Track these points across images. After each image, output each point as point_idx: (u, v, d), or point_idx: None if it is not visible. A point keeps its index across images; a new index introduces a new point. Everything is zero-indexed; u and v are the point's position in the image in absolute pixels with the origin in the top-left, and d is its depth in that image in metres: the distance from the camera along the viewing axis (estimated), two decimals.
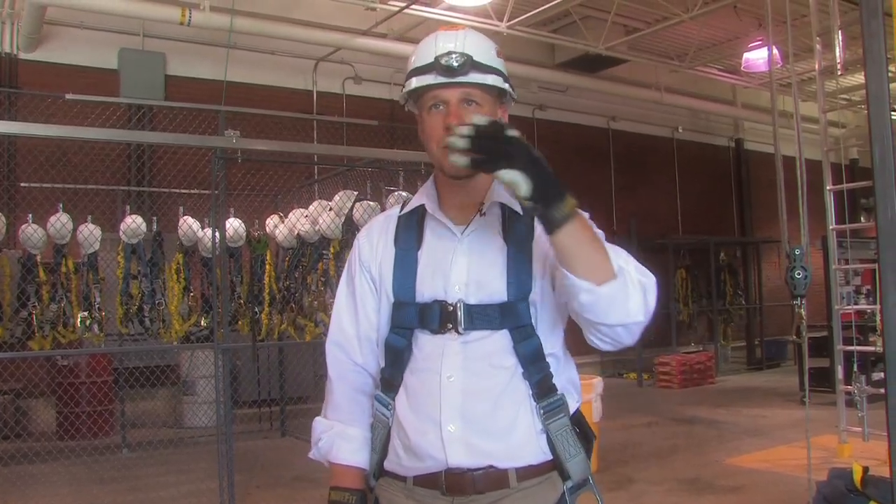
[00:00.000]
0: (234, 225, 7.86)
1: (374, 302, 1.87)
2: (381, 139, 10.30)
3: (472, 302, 1.74)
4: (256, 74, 11.00)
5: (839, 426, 7.02)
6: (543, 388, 1.75)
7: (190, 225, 7.73)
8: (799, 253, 5.25)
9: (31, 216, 7.16)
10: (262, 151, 7.48)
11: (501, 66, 1.85)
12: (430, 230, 1.85)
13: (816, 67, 7.55)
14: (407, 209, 1.91)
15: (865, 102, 2.44)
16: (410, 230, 1.87)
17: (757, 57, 13.13)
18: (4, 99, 9.27)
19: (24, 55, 9.75)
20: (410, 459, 1.77)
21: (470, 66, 1.77)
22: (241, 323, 8.11)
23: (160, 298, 7.64)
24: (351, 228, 7.18)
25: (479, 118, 1.54)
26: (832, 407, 7.29)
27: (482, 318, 1.74)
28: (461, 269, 1.77)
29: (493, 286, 1.75)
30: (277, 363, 9.54)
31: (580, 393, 1.87)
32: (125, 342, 8.04)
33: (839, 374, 7.12)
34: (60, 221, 7.08)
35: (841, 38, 7.21)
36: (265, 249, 8.15)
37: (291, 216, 7.89)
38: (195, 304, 7.88)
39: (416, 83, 1.80)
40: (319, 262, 7.57)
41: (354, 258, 1.93)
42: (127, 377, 8.20)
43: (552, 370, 1.78)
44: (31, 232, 7.06)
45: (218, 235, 6.58)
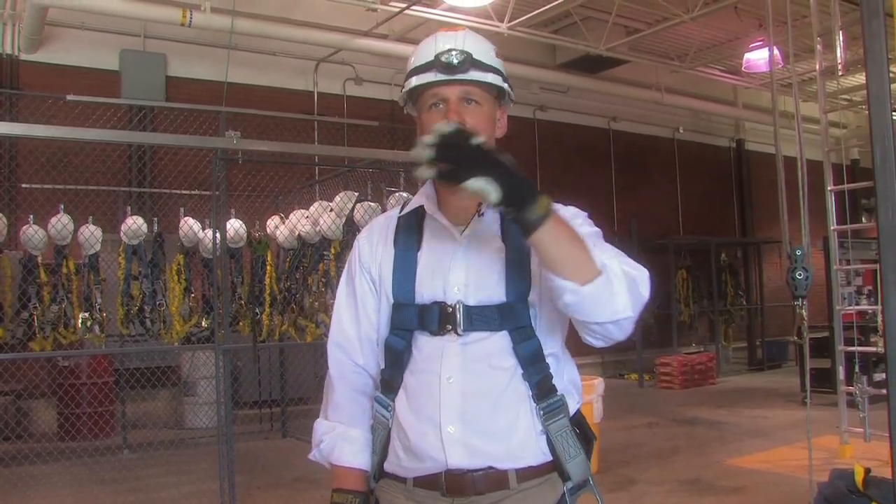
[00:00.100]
0: (234, 226, 7.86)
1: (374, 303, 1.87)
2: (381, 140, 10.30)
3: (471, 303, 1.74)
4: (257, 75, 11.01)
5: (840, 427, 7.01)
6: (543, 388, 1.75)
7: (191, 226, 7.73)
8: (800, 253, 5.24)
9: (32, 217, 7.16)
10: (262, 152, 7.49)
11: (501, 66, 1.85)
12: (429, 231, 1.85)
13: (817, 68, 7.55)
14: (406, 210, 1.91)
15: (866, 103, 2.43)
16: (410, 231, 1.86)
17: (758, 57, 13.12)
18: (6, 100, 9.27)
19: (25, 56, 9.76)
20: (410, 461, 1.77)
21: (470, 63, 1.77)
22: (241, 324, 8.11)
23: (161, 299, 7.64)
24: (352, 229, 7.18)
25: (442, 126, 1.51)
26: (833, 408, 7.29)
27: (481, 319, 1.73)
28: (460, 270, 1.77)
29: (491, 287, 1.74)
30: (278, 364, 9.54)
31: (581, 393, 1.87)
32: (126, 343, 8.03)
33: (840, 374, 7.11)
34: (61, 222, 7.08)
35: (842, 38, 7.21)
36: (266, 250, 8.15)
37: (292, 217, 7.89)
38: (196, 304, 7.88)
39: (415, 81, 1.80)
40: (320, 262, 7.57)
41: (354, 259, 1.93)
42: (128, 378, 8.20)
43: (552, 371, 1.77)
44: (32, 233, 7.06)
45: (219, 236, 6.58)
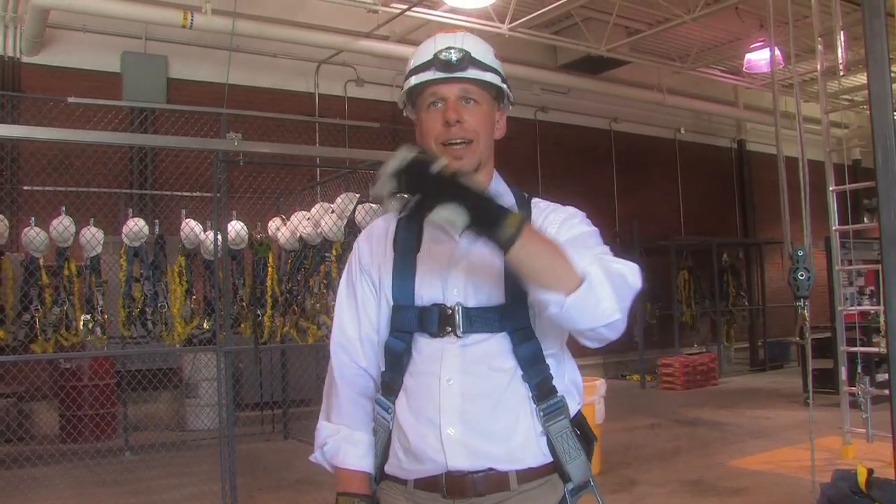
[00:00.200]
0: (236, 227, 7.86)
1: (374, 304, 1.86)
2: (383, 141, 10.29)
3: (470, 305, 1.73)
4: (258, 77, 11.01)
5: (843, 428, 7.00)
6: (543, 390, 1.75)
7: (192, 228, 7.73)
8: (802, 254, 5.24)
9: (33, 219, 7.17)
10: (264, 154, 7.49)
11: (500, 67, 1.85)
12: (428, 233, 1.84)
13: (818, 68, 7.55)
14: (406, 212, 1.91)
15: (868, 103, 2.43)
16: (409, 233, 1.86)
17: (759, 58, 13.11)
18: (7, 102, 9.28)
19: (26, 59, 9.77)
20: (411, 462, 1.77)
21: (469, 62, 1.78)
22: (243, 326, 8.11)
23: (162, 301, 7.64)
24: (353, 231, 7.17)
25: (401, 154, 1.50)
26: (836, 408, 7.28)
27: (481, 320, 1.72)
28: (459, 272, 1.76)
29: (491, 289, 1.74)
30: (280, 366, 9.53)
31: (582, 395, 1.86)
32: (128, 345, 8.03)
33: (843, 375, 7.10)
34: (63, 224, 7.08)
35: (843, 38, 7.20)
36: (267, 252, 8.15)
37: (293, 219, 7.88)
38: (197, 306, 7.88)
39: (414, 80, 1.81)
40: (322, 264, 7.57)
41: (354, 261, 1.93)
42: (129, 380, 8.19)
43: (552, 372, 1.77)
44: (33, 235, 7.07)
45: (220, 238, 6.58)
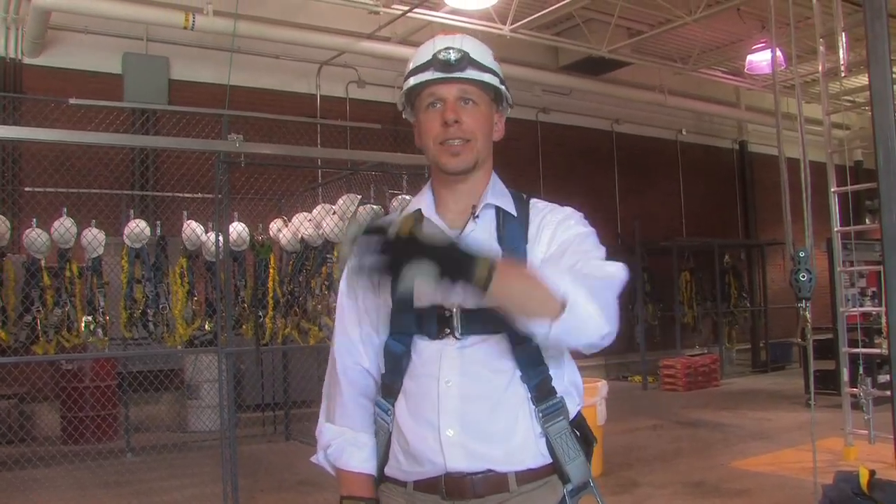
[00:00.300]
0: (237, 229, 7.87)
1: (374, 305, 1.86)
2: (384, 143, 10.30)
3: (469, 306, 1.73)
4: (260, 78, 11.01)
5: (845, 429, 6.99)
6: (542, 391, 1.75)
7: (193, 229, 7.74)
8: (803, 255, 5.24)
9: (35, 221, 7.18)
10: (265, 155, 7.49)
11: (499, 69, 1.85)
12: None
13: (820, 69, 7.54)
14: (405, 214, 1.91)
15: (869, 104, 2.43)
16: None
17: (760, 59, 13.10)
18: (9, 104, 9.29)
19: (28, 60, 9.77)
20: (410, 464, 1.77)
21: (467, 62, 1.78)
22: (244, 327, 8.11)
23: (164, 302, 7.64)
24: None
25: (354, 229, 1.48)
26: (838, 410, 7.27)
27: (480, 322, 1.72)
28: None
29: None
30: (281, 367, 9.53)
31: (582, 396, 1.86)
32: (129, 346, 8.03)
33: (845, 376, 7.09)
34: (64, 226, 7.09)
35: (844, 39, 7.20)
36: (269, 253, 8.14)
37: (295, 220, 7.89)
38: (199, 308, 7.89)
39: (413, 81, 1.81)
40: (323, 265, 7.57)
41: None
42: (131, 381, 8.20)
43: (551, 373, 1.77)
44: (35, 236, 7.07)
45: (222, 239, 6.59)
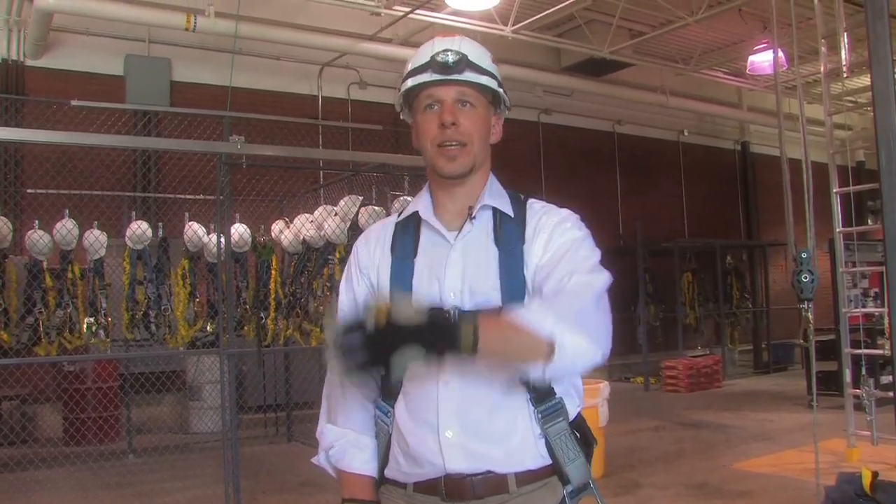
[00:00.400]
0: (239, 230, 7.87)
1: None
2: (386, 144, 10.31)
3: (467, 308, 1.74)
4: (261, 80, 11.01)
5: (848, 430, 6.98)
6: (541, 392, 1.75)
7: (195, 230, 7.73)
8: (806, 256, 5.23)
9: (37, 222, 7.18)
10: (267, 157, 7.49)
11: (496, 72, 1.85)
12: (424, 236, 1.86)
13: (822, 70, 7.52)
14: (403, 216, 1.92)
15: (871, 104, 2.43)
16: (407, 237, 1.87)
17: (762, 60, 13.10)
18: (11, 105, 9.30)
19: (30, 62, 9.79)
20: (410, 466, 1.77)
21: (465, 64, 1.78)
22: (246, 328, 8.11)
23: (166, 304, 7.64)
24: (356, 233, 7.18)
25: (331, 331, 1.48)
26: (840, 411, 7.25)
27: None
28: (455, 275, 1.77)
29: (486, 292, 1.75)
30: (283, 368, 9.53)
31: (581, 397, 1.86)
32: (131, 348, 8.03)
33: (847, 377, 7.07)
34: (66, 227, 7.09)
35: (846, 40, 7.19)
36: (271, 255, 8.14)
37: (297, 221, 7.89)
38: (201, 309, 7.88)
39: (411, 82, 1.81)
40: (325, 267, 7.58)
41: (353, 264, 1.94)
42: (133, 383, 8.21)
43: None
44: (37, 238, 7.07)
45: (223, 241, 6.59)
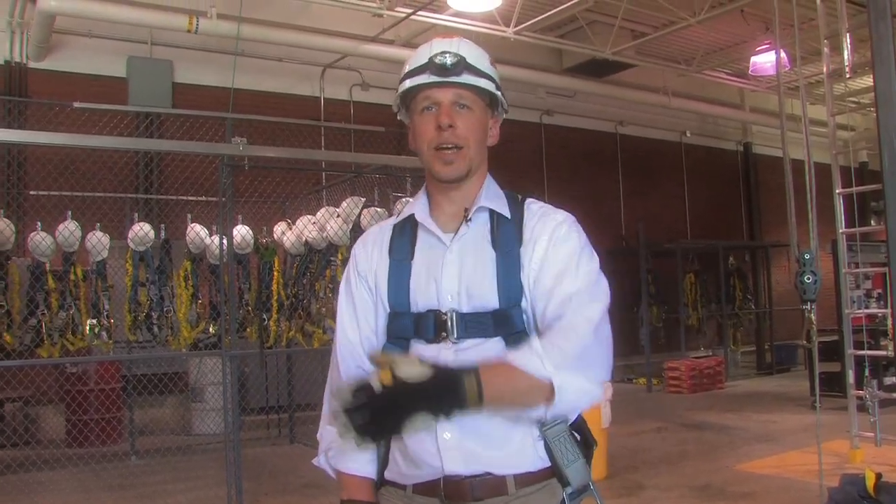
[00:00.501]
0: (241, 232, 7.86)
1: (372, 308, 1.87)
2: (388, 145, 10.30)
3: (464, 310, 1.74)
4: (263, 81, 11.02)
5: (851, 431, 6.96)
6: None
7: (198, 232, 7.73)
8: (808, 257, 5.22)
9: (39, 224, 7.18)
10: (269, 158, 7.49)
11: (495, 74, 1.85)
12: (421, 239, 1.86)
13: (824, 70, 7.52)
14: (400, 218, 1.92)
15: (874, 105, 2.42)
16: (404, 239, 1.87)
17: (765, 60, 13.08)
18: (14, 107, 9.32)
19: (33, 64, 9.81)
20: (409, 467, 1.77)
21: (463, 66, 1.77)
22: (249, 330, 8.10)
23: (168, 306, 7.64)
24: (358, 235, 7.14)
25: (340, 397, 1.47)
26: (843, 412, 7.24)
27: (476, 326, 1.73)
28: (452, 277, 1.77)
29: (483, 294, 1.75)
30: (286, 370, 9.53)
31: None
32: (134, 349, 8.04)
33: (850, 378, 7.06)
34: (69, 229, 7.09)
35: (849, 40, 7.18)
36: (273, 256, 8.14)
37: (299, 223, 7.88)
38: (203, 311, 7.87)
39: (408, 84, 1.81)
40: (327, 268, 7.57)
41: (351, 267, 1.94)
42: (135, 384, 8.21)
43: None
44: (39, 240, 7.07)
45: (226, 242, 6.59)
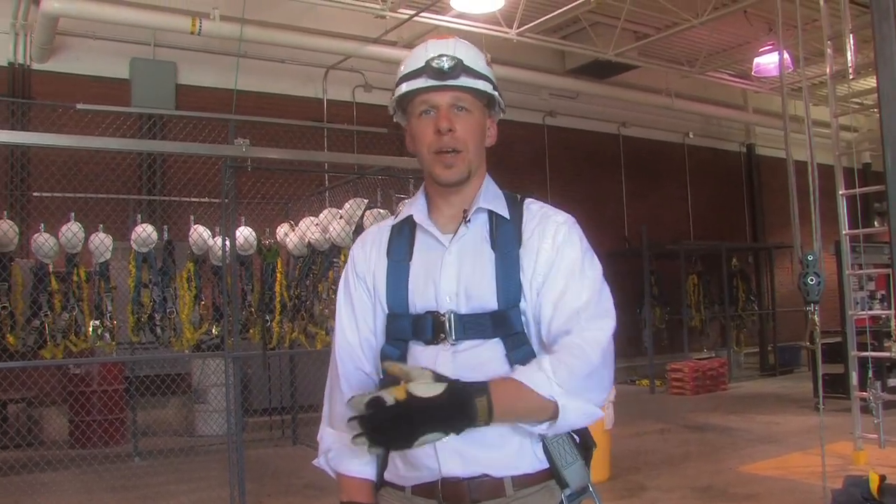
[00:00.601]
0: (244, 233, 7.87)
1: (371, 309, 1.87)
2: (391, 147, 10.30)
3: (463, 311, 1.74)
4: (266, 83, 11.03)
5: (854, 433, 6.95)
6: None
7: (201, 234, 7.74)
8: (812, 258, 5.21)
9: (43, 225, 7.20)
10: (272, 160, 7.50)
11: (491, 74, 1.85)
12: (420, 240, 1.85)
13: (828, 71, 7.51)
14: (398, 219, 1.92)
15: (877, 106, 2.41)
16: (402, 241, 1.87)
17: (768, 61, 13.08)
18: (17, 109, 9.33)
19: (36, 65, 9.84)
20: (407, 469, 1.77)
21: (461, 69, 1.77)
22: (252, 331, 8.11)
23: (171, 307, 7.65)
24: None
25: (354, 407, 1.49)
26: (847, 413, 7.23)
27: (474, 327, 1.73)
28: (450, 278, 1.77)
29: (482, 295, 1.74)
30: (288, 371, 9.55)
31: None
32: (137, 351, 8.05)
33: (854, 380, 7.05)
34: (72, 231, 7.11)
35: (852, 41, 7.17)
36: (276, 258, 8.15)
37: (302, 224, 7.89)
38: (206, 312, 7.88)
39: (406, 88, 1.80)
40: (330, 270, 7.57)
41: (350, 269, 1.93)
42: (138, 386, 8.22)
43: None
44: (43, 241, 7.09)
45: (228, 244, 6.59)
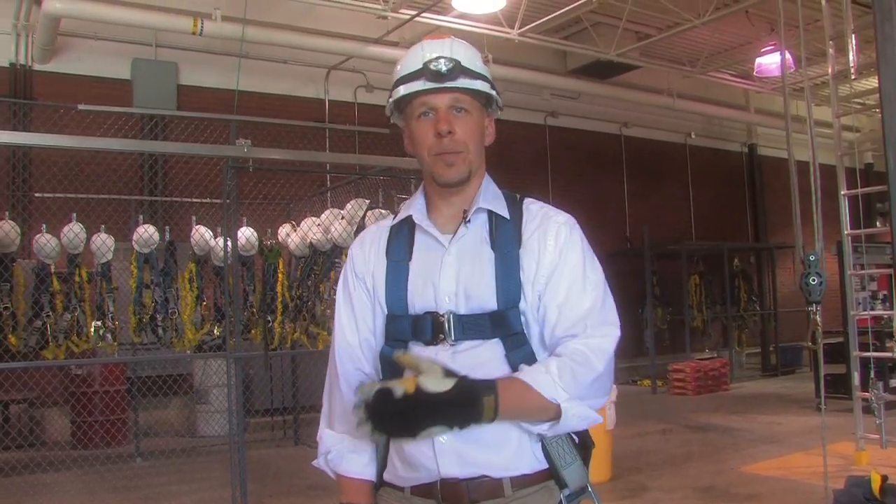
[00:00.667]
0: (246, 234, 7.88)
1: (370, 310, 1.87)
2: (392, 147, 10.24)
3: (462, 312, 1.74)
4: (268, 83, 11.04)
5: (856, 433, 6.94)
6: None
7: (202, 234, 7.75)
8: (814, 258, 5.21)
9: (44, 226, 7.20)
10: (273, 160, 7.51)
11: (488, 73, 1.85)
12: (419, 241, 1.85)
13: (830, 72, 7.50)
14: (397, 220, 1.92)
15: (879, 106, 2.41)
16: (401, 241, 1.87)
17: (770, 62, 13.07)
18: (19, 110, 9.34)
19: (38, 66, 9.85)
20: (406, 470, 1.78)
21: (459, 71, 1.77)
22: (253, 332, 8.11)
23: (173, 307, 7.65)
24: None
25: (363, 394, 1.53)
26: (849, 414, 7.22)
27: (473, 328, 1.73)
28: (450, 279, 1.77)
29: (481, 295, 1.74)
30: (290, 372, 9.54)
31: None
32: (138, 351, 8.05)
33: (856, 380, 7.04)
34: (74, 231, 7.12)
35: (854, 41, 7.17)
36: (277, 258, 8.15)
37: (303, 225, 7.89)
38: (208, 313, 7.89)
39: (404, 90, 1.80)
40: (332, 270, 7.57)
41: (349, 269, 1.93)
42: (140, 386, 8.22)
43: None
44: (44, 242, 7.10)
45: (230, 244, 6.60)
